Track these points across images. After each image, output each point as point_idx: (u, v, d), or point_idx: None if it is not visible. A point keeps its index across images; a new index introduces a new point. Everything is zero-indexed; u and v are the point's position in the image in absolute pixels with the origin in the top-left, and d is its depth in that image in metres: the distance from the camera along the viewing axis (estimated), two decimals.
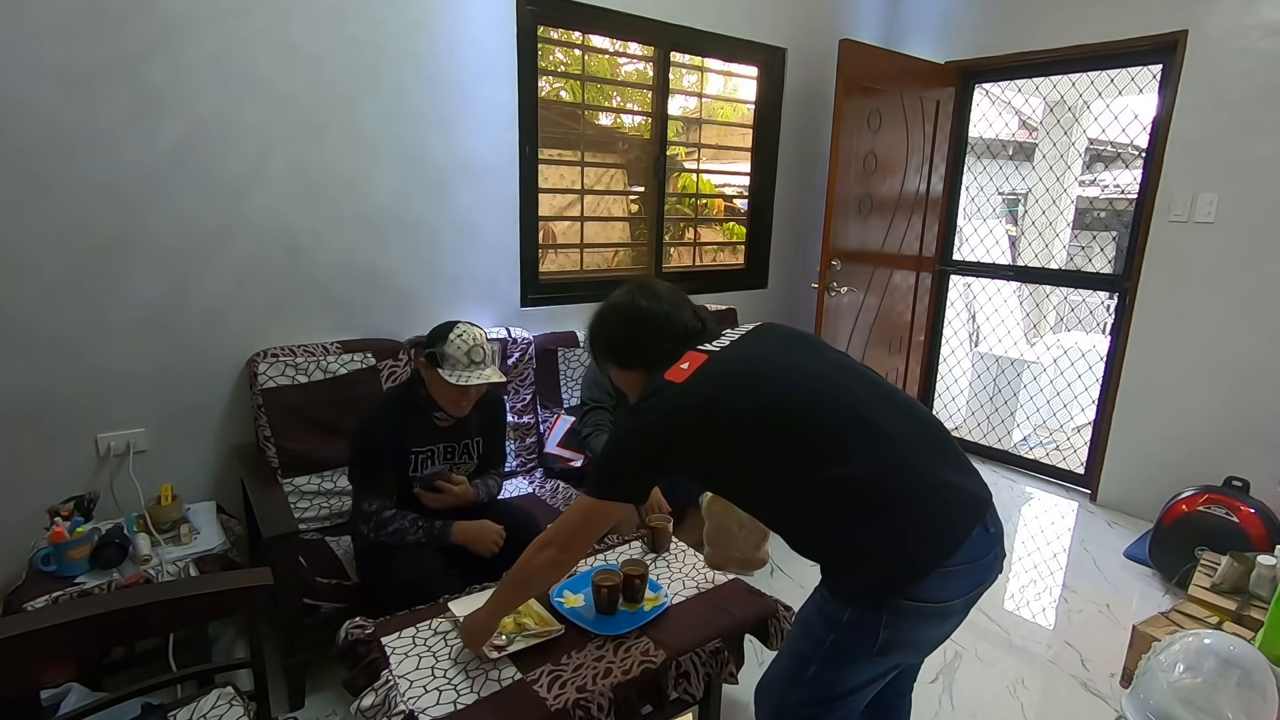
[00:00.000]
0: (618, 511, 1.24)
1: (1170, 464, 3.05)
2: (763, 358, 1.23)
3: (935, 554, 1.06)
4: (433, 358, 1.78)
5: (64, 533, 1.70)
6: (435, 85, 2.46)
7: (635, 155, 3.25)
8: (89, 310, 1.99)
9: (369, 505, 1.79)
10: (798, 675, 1.19)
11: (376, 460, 1.82)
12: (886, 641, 1.09)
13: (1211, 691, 1.28)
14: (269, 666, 1.37)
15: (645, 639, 1.54)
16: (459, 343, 1.78)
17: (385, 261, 2.49)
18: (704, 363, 1.19)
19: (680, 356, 1.23)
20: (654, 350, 1.28)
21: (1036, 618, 2.50)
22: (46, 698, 1.51)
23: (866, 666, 1.15)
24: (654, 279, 1.47)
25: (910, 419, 1.18)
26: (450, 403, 1.83)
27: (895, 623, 1.08)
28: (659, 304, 1.32)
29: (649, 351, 1.29)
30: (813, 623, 1.18)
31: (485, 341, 1.82)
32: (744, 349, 1.25)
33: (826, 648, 1.14)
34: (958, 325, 4.45)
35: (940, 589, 1.08)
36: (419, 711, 1.30)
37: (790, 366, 1.21)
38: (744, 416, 1.13)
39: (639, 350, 1.31)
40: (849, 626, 1.12)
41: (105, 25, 1.89)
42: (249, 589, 1.29)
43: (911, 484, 1.09)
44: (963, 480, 1.14)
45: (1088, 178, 6.76)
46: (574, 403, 2.83)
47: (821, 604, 1.17)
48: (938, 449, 1.16)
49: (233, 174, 2.15)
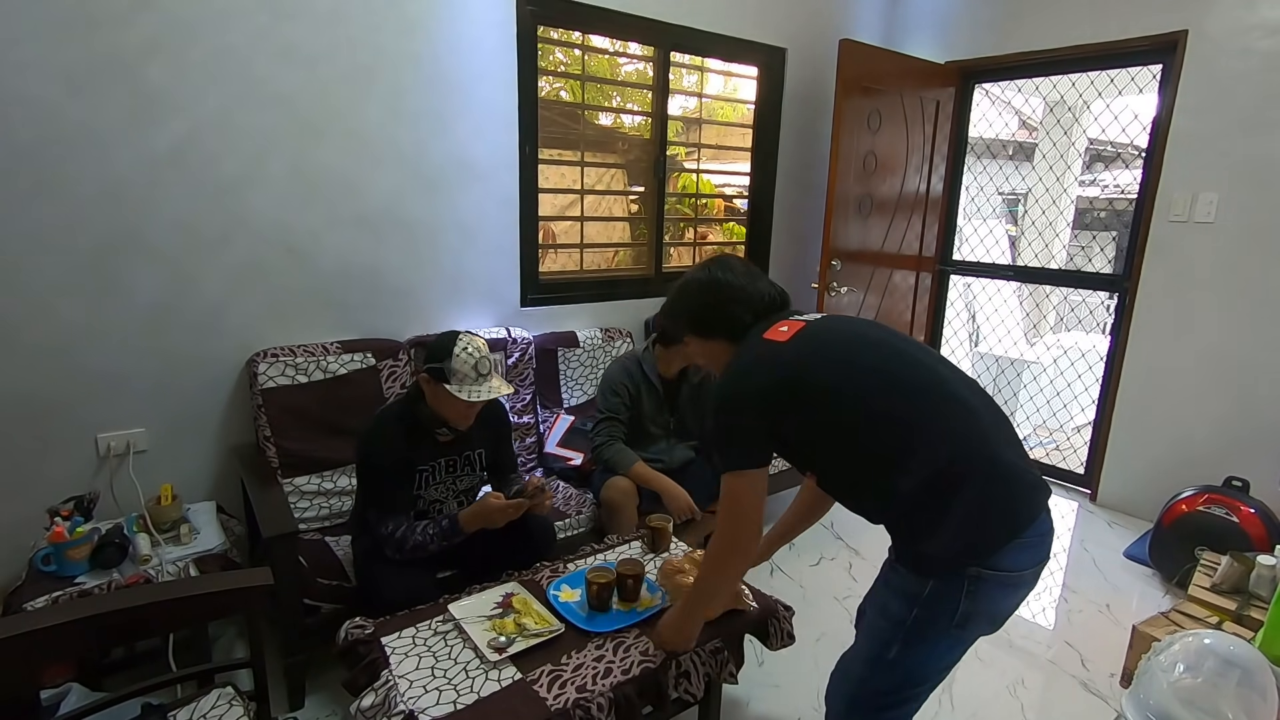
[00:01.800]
0: (764, 480, 1.27)
1: (1170, 464, 3.05)
2: (860, 332, 1.32)
3: (1015, 526, 1.15)
4: (438, 373, 1.72)
5: (64, 533, 1.70)
6: (435, 85, 2.47)
7: (635, 155, 3.25)
8: (89, 310, 1.99)
9: (386, 529, 1.75)
10: (878, 660, 1.23)
11: (386, 481, 1.78)
12: (966, 612, 1.15)
13: (1211, 691, 1.28)
14: (269, 666, 1.37)
15: (645, 639, 1.54)
16: (465, 356, 1.72)
17: (385, 261, 2.49)
18: (803, 328, 1.28)
19: (767, 324, 1.31)
20: (735, 319, 1.36)
21: (1036, 618, 2.49)
22: (46, 698, 1.51)
23: (946, 645, 1.21)
24: (731, 255, 1.55)
25: (989, 407, 1.26)
26: (459, 416, 1.79)
27: (975, 591, 1.15)
28: (735, 276, 1.39)
29: (731, 321, 1.36)
30: (890, 605, 1.23)
31: (489, 351, 1.80)
32: (838, 322, 1.34)
33: (909, 626, 1.19)
34: (958, 325, 4.45)
35: (1016, 559, 1.16)
36: (419, 711, 1.30)
37: (883, 341, 1.29)
38: (849, 378, 1.21)
39: (720, 320, 1.38)
40: (930, 600, 1.17)
41: (105, 25, 1.89)
42: (249, 589, 1.29)
43: (996, 461, 1.17)
44: (1030, 464, 1.24)
45: (1088, 178, 6.76)
46: (574, 402, 2.84)
47: (900, 583, 1.22)
48: (1009, 436, 1.24)
49: (233, 174, 2.15)
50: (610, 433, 2.34)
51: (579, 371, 2.87)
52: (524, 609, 1.59)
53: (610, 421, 2.35)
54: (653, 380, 2.41)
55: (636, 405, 2.40)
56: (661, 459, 2.43)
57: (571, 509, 2.35)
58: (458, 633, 1.53)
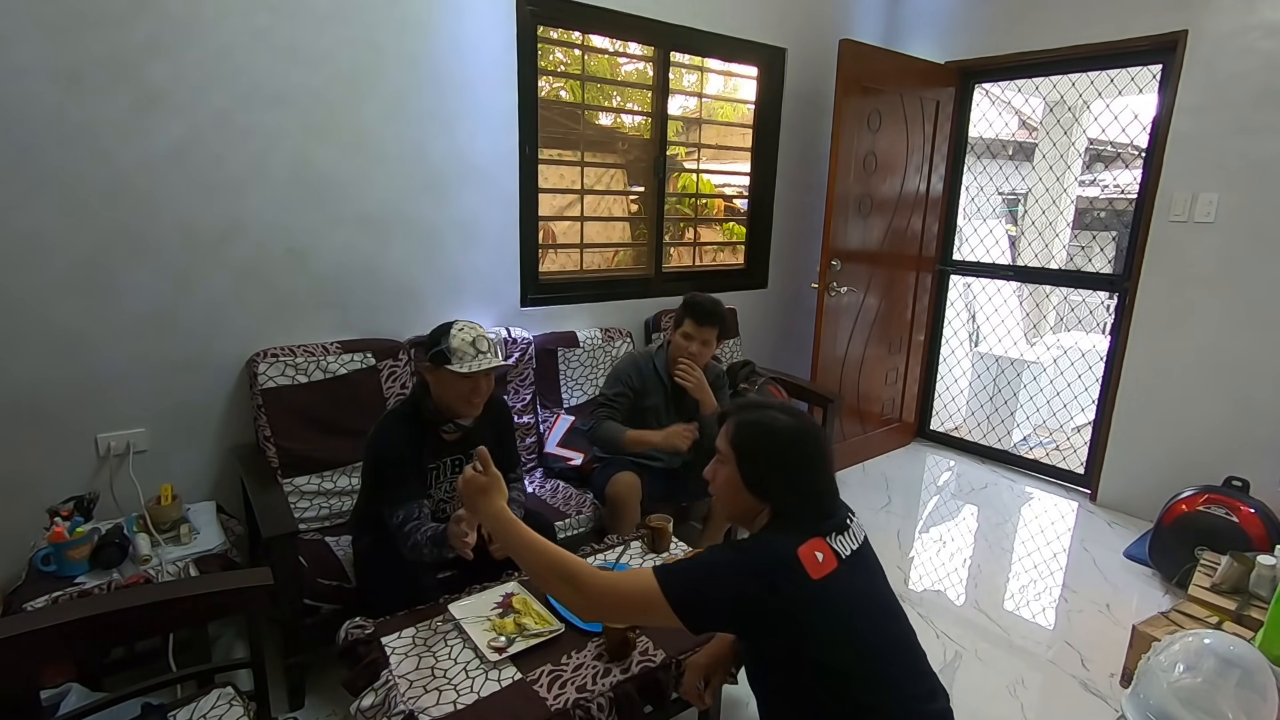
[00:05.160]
0: (666, 618, 1.14)
1: (1170, 464, 3.05)
2: (870, 599, 1.23)
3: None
4: (438, 357, 1.73)
5: (64, 533, 1.70)
6: (435, 85, 2.47)
7: (635, 155, 3.25)
8: (89, 310, 1.99)
9: (396, 519, 1.72)
10: None
11: (396, 471, 1.76)
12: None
13: (1211, 691, 1.28)
14: (269, 666, 1.37)
15: (645, 639, 1.54)
16: (462, 336, 1.75)
17: (385, 261, 2.49)
18: (833, 572, 1.16)
19: (809, 535, 1.18)
20: (796, 512, 1.23)
21: (1036, 618, 2.50)
22: (46, 698, 1.51)
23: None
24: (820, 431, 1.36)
25: (920, 659, 1.25)
26: (464, 401, 1.78)
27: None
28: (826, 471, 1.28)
29: (795, 503, 1.23)
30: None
31: (486, 333, 1.81)
32: (861, 579, 1.23)
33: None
34: (958, 325, 4.45)
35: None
36: (419, 711, 1.30)
37: (880, 622, 1.23)
38: (837, 646, 1.14)
39: (787, 498, 1.24)
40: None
41: (106, 25, 1.89)
42: (249, 589, 1.29)
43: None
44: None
45: (1088, 178, 6.76)
46: (574, 402, 2.84)
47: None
48: (932, 686, 1.24)
49: (233, 174, 2.15)
50: (608, 415, 2.37)
51: (579, 371, 2.87)
52: (524, 609, 1.59)
53: (607, 407, 2.38)
54: (663, 378, 2.42)
55: (641, 400, 2.41)
56: (661, 456, 2.43)
57: (571, 509, 2.35)
58: (458, 633, 1.53)
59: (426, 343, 1.79)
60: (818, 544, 1.17)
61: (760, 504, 1.25)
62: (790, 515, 1.22)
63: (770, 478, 1.24)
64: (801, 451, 1.25)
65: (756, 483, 1.25)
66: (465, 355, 1.73)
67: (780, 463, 1.24)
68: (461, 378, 1.73)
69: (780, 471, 1.24)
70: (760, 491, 1.25)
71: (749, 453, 1.26)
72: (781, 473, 1.24)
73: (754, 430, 1.27)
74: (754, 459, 1.25)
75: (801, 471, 1.24)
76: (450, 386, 1.76)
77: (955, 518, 3.29)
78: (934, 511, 3.33)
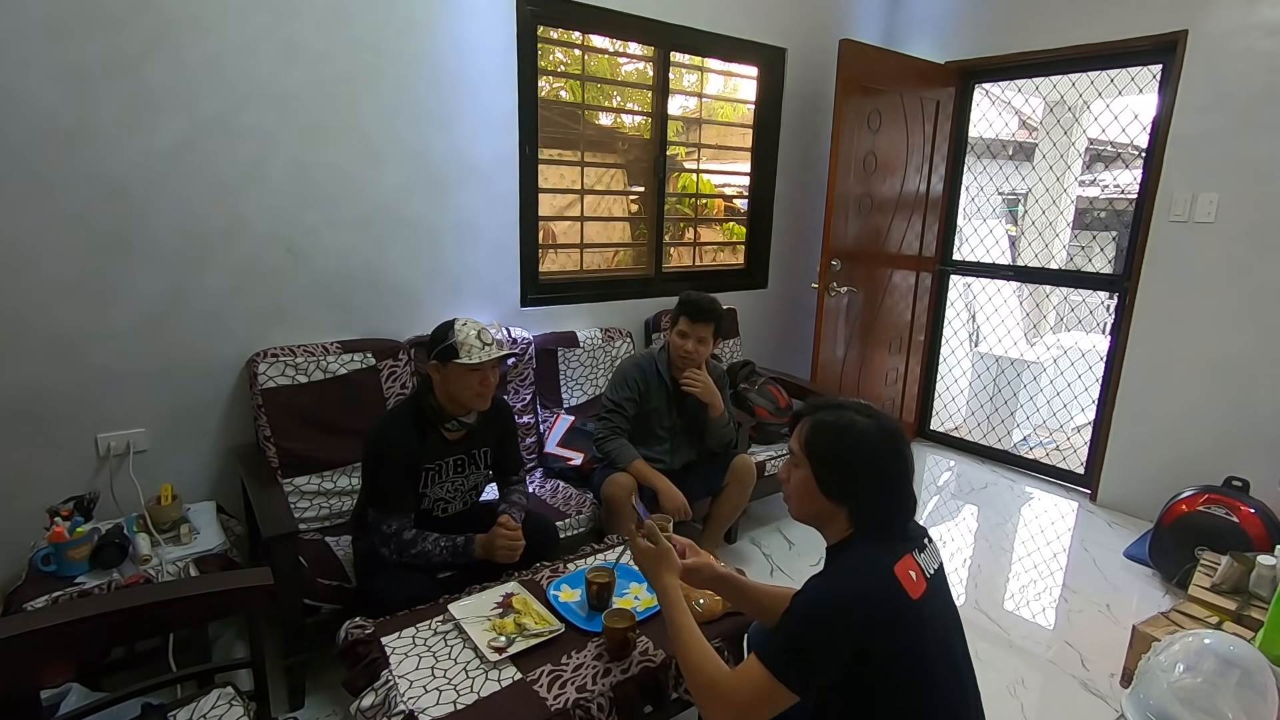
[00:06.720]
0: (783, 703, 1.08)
1: (1170, 464, 3.05)
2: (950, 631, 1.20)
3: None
4: (446, 353, 1.74)
5: (64, 533, 1.70)
6: (435, 85, 2.46)
7: (635, 155, 3.25)
8: (89, 310, 1.99)
9: (388, 526, 1.74)
10: None
11: (392, 478, 1.77)
12: None
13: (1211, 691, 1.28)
14: (269, 666, 1.37)
15: (645, 638, 1.54)
16: (466, 330, 1.76)
17: (385, 261, 2.49)
18: (925, 593, 1.12)
19: (901, 548, 1.14)
20: (881, 516, 1.18)
21: (1036, 618, 2.50)
22: (46, 698, 1.51)
23: None
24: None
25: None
26: (474, 394, 1.78)
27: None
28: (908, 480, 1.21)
29: (877, 513, 1.18)
30: None
31: (488, 327, 1.82)
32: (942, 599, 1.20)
33: None
34: (958, 325, 4.45)
35: None
36: (419, 711, 1.30)
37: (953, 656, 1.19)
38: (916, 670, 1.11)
39: (875, 502, 1.17)
40: None
41: (106, 24, 1.89)
42: (249, 589, 1.29)
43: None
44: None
45: (1088, 178, 6.76)
46: (574, 403, 2.84)
47: None
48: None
49: (233, 173, 2.15)
50: (613, 426, 2.35)
51: (579, 372, 2.87)
52: (524, 609, 1.59)
53: (615, 414, 2.36)
54: (665, 379, 2.42)
55: (645, 402, 2.41)
56: (663, 459, 2.43)
57: (571, 509, 2.35)
58: (458, 633, 1.53)
59: (430, 342, 1.80)
60: (909, 561, 1.12)
61: (837, 509, 1.19)
62: (875, 526, 1.16)
63: (848, 486, 1.17)
64: (883, 458, 1.17)
65: (833, 489, 1.18)
66: (472, 348, 1.74)
67: (859, 470, 1.16)
68: (471, 369, 1.74)
69: (859, 479, 1.16)
70: (839, 498, 1.18)
71: (825, 458, 1.19)
72: (860, 480, 1.16)
73: (831, 433, 1.19)
74: (831, 465, 1.18)
75: (882, 480, 1.16)
76: (459, 380, 1.76)
77: (955, 518, 3.29)
78: (934, 511, 3.33)
